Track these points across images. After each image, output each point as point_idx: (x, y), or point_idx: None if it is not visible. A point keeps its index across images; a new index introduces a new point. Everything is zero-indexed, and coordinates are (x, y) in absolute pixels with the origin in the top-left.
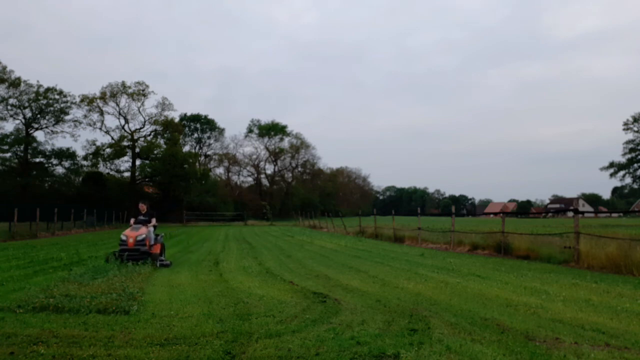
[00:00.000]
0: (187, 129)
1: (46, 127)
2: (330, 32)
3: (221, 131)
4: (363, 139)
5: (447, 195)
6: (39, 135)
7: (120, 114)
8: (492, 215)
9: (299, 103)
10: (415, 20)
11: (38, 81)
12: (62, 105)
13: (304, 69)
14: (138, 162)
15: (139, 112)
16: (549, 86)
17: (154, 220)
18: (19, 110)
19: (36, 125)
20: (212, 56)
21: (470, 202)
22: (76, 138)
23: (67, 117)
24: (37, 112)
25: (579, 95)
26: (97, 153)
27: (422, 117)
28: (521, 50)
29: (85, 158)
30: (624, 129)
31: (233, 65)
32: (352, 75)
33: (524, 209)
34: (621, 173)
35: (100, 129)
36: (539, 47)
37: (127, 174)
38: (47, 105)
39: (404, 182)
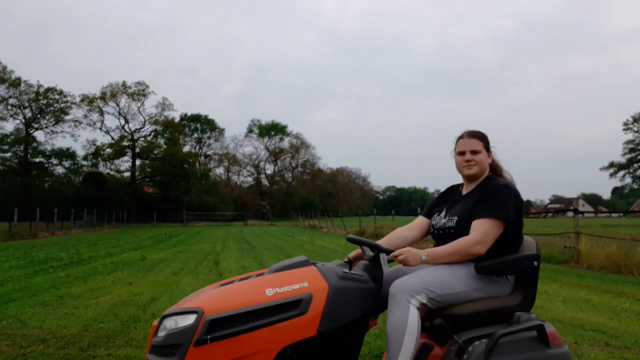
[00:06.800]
0: (187, 129)
1: (46, 127)
2: (372, 24)
3: (221, 131)
4: (371, 136)
5: None
6: (39, 135)
7: (120, 114)
8: None
9: (326, 99)
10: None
11: (38, 81)
12: (62, 105)
13: (336, 64)
14: (138, 162)
15: (139, 112)
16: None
17: None
18: (19, 110)
19: (36, 125)
20: (245, 50)
21: None
22: (76, 138)
23: (67, 117)
24: (37, 112)
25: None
26: (97, 153)
27: (432, 115)
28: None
29: (85, 158)
30: (623, 129)
31: (265, 59)
32: (385, 70)
33: (523, 209)
34: (621, 173)
35: (100, 129)
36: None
37: (127, 174)
38: (47, 105)
39: (404, 182)
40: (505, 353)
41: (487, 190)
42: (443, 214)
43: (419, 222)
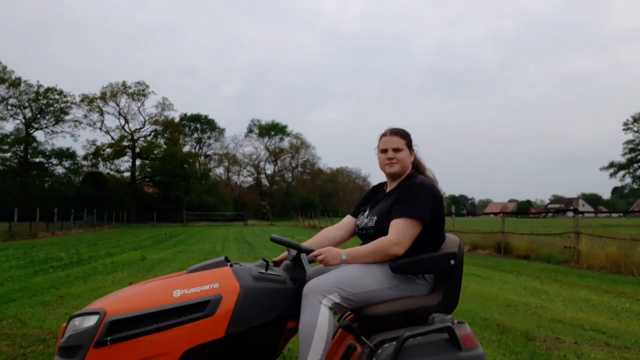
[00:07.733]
0: (187, 129)
1: (46, 127)
2: (373, 24)
3: (221, 131)
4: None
5: (447, 195)
6: (39, 135)
7: (120, 114)
8: (492, 215)
9: (326, 99)
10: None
11: (38, 81)
12: (62, 105)
13: (336, 64)
14: (138, 162)
15: (139, 112)
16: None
17: None
18: (19, 110)
19: (36, 125)
20: (245, 50)
21: (470, 202)
22: (76, 138)
23: (67, 117)
24: (37, 112)
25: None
26: (97, 153)
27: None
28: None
29: (85, 158)
30: (623, 129)
31: (265, 59)
32: (385, 70)
33: (524, 209)
34: (621, 173)
35: (100, 129)
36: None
37: (127, 174)
38: (47, 105)
39: None
40: (413, 356)
41: (405, 189)
42: (366, 213)
43: (347, 222)
